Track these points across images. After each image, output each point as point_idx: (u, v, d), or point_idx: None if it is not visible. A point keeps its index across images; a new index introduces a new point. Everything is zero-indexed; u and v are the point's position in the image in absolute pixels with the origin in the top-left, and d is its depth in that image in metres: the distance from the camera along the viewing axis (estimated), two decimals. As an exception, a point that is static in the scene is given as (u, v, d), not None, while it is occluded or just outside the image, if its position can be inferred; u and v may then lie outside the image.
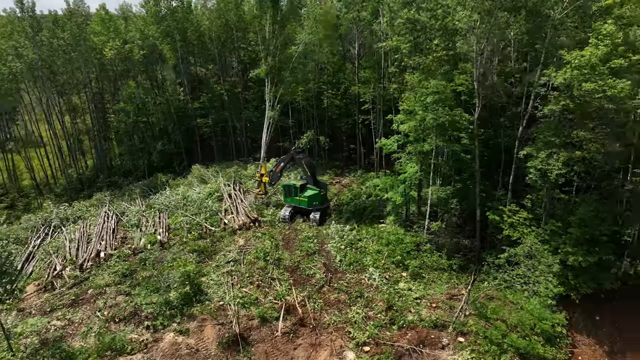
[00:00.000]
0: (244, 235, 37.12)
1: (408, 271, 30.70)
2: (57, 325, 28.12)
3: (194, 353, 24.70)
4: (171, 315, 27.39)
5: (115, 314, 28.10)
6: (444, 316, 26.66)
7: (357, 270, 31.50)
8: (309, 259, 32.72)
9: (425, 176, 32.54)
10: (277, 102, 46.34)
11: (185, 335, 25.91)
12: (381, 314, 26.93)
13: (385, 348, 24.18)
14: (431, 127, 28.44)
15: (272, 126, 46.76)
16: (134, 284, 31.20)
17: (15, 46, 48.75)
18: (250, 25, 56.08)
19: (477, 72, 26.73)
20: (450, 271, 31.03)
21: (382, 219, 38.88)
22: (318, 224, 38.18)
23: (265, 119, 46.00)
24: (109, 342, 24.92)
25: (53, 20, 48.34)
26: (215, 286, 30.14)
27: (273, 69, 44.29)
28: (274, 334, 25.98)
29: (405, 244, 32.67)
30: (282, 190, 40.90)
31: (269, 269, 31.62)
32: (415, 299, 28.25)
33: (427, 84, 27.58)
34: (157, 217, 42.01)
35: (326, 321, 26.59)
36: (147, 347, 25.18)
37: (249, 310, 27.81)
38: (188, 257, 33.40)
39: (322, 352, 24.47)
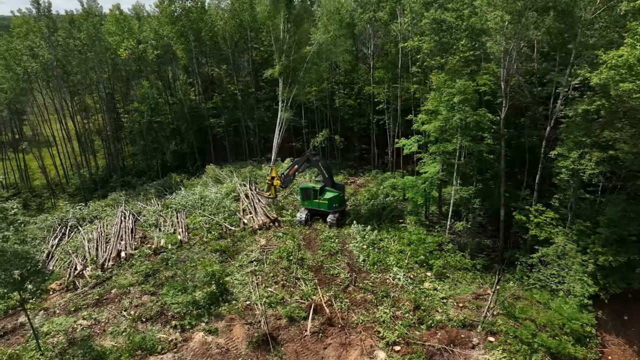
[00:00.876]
0: (264, 235, 37.18)
1: (432, 271, 30.76)
2: (84, 324, 28.18)
3: (224, 352, 24.74)
4: (198, 315, 27.44)
5: (141, 314, 28.15)
6: (472, 316, 26.71)
7: (381, 270, 31.54)
8: (332, 259, 32.77)
9: (448, 176, 32.61)
10: (290, 102, 45.90)
11: (214, 334, 25.95)
12: (409, 313, 26.98)
13: (416, 347, 24.22)
14: (456, 127, 28.47)
15: (284, 127, 46.25)
16: (157, 283, 31.27)
17: (31, 46, 48.82)
18: (263, 25, 56.12)
19: (504, 72, 26.76)
20: (475, 271, 31.09)
21: (402, 219, 38.92)
22: (335, 226, 37.74)
23: (277, 119, 45.59)
24: (139, 341, 24.98)
25: (69, 20, 48.36)
26: (240, 286, 30.20)
27: (287, 69, 43.88)
28: (302, 333, 26.01)
29: (427, 244, 32.75)
30: (299, 193, 40.12)
31: (292, 268, 31.67)
32: (442, 298, 28.31)
33: (454, 84, 27.60)
34: (175, 217, 42.07)
35: (354, 321, 26.62)
36: (177, 347, 25.22)
37: (276, 309, 27.87)
38: (211, 257, 33.44)
39: (352, 352, 24.50)
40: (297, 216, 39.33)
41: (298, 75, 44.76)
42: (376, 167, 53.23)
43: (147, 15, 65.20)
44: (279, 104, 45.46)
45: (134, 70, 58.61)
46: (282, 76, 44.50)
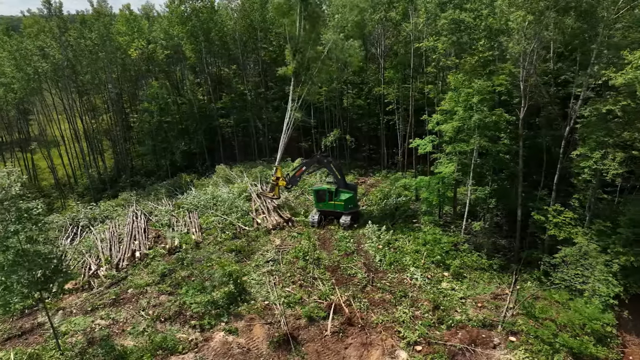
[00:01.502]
0: (278, 234, 37.21)
1: (449, 271, 30.78)
2: (102, 324, 28.19)
3: (245, 352, 24.75)
4: (217, 315, 27.44)
5: (160, 314, 28.16)
6: (491, 316, 26.74)
7: (397, 270, 31.57)
8: (348, 259, 32.80)
9: (463, 176, 32.63)
10: (300, 102, 45.52)
11: (235, 334, 25.96)
12: (428, 313, 27.00)
13: (437, 347, 24.24)
14: (474, 127, 28.49)
15: (292, 127, 45.67)
16: (174, 283, 31.28)
17: (42, 46, 48.82)
18: (272, 25, 56.20)
19: (524, 72, 26.78)
20: (491, 271, 31.11)
21: (415, 219, 38.96)
22: (348, 227, 37.41)
23: (285, 119, 45.07)
24: (160, 341, 25.00)
25: (81, 20, 48.38)
26: (258, 286, 30.21)
27: (300, 67, 43.44)
28: (322, 333, 26.03)
29: (443, 244, 32.78)
30: (313, 195, 39.64)
31: (309, 268, 31.69)
32: (460, 298, 28.34)
33: (473, 84, 27.61)
34: (187, 217, 42.07)
35: (374, 320, 26.64)
36: (198, 347, 25.23)
37: (294, 309, 27.89)
38: (227, 256, 33.44)
39: (373, 352, 24.52)
40: (310, 218, 38.99)
41: (312, 74, 44.34)
42: (386, 167, 53.23)
43: (158, 15, 65.21)
44: (289, 103, 44.95)
45: (143, 70, 58.60)
46: (294, 75, 44.19)
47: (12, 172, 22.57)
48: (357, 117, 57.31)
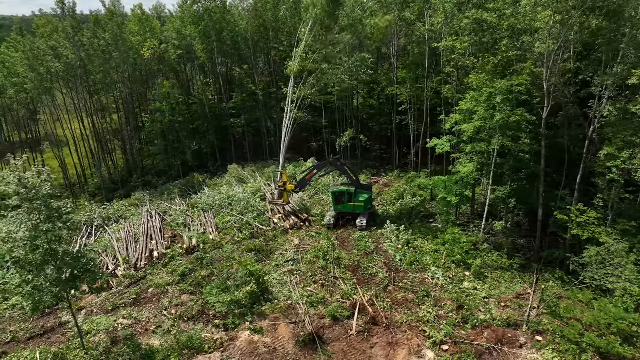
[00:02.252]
0: (296, 234, 37.24)
1: (471, 270, 30.80)
2: (124, 323, 28.22)
3: (272, 352, 24.77)
4: (241, 314, 27.46)
5: (183, 313, 28.19)
6: (515, 315, 26.75)
7: (418, 269, 31.58)
8: (369, 259, 32.82)
9: (484, 176, 32.66)
10: (299, 102, 44.24)
11: (260, 334, 25.98)
12: (452, 313, 27.02)
13: (464, 347, 24.26)
14: (496, 127, 28.52)
15: (292, 129, 44.92)
16: (194, 283, 31.31)
17: (55, 46, 48.88)
18: (284, 25, 56.19)
19: (548, 72, 26.81)
20: (512, 270, 31.14)
21: (432, 219, 39.00)
22: (365, 229, 36.96)
23: (284, 121, 43.46)
24: (186, 340, 25.01)
25: (94, 20, 48.42)
26: (279, 285, 30.23)
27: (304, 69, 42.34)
28: (347, 332, 26.04)
29: (463, 244, 32.79)
30: (331, 198, 39.01)
31: (330, 268, 31.71)
32: (483, 298, 28.35)
33: (494, 84, 27.64)
34: (202, 217, 42.10)
35: (398, 320, 26.65)
36: (224, 346, 25.25)
37: (317, 309, 27.91)
38: (246, 256, 33.46)
39: (400, 351, 24.54)
40: (325, 220, 38.33)
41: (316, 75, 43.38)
42: (398, 167, 53.24)
43: (170, 15, 65.29)
44: (287, 105, 43.80)
45: (155, 70, 58.67)
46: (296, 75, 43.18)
47: (42, 171, 22.63)
48: (368, 117, 57.34)
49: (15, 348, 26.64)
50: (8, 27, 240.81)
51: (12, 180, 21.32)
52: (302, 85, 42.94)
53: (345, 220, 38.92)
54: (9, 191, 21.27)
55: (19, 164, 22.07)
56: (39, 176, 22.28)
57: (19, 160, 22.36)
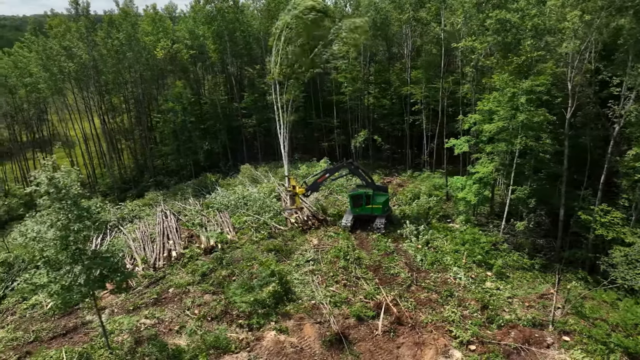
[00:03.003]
0: (314, 234, 37.24)
1: (492, 270, 30.81)
2: (147, 323, 28.22)
3: (299, 351, 24.76)
4: (265, 314, 27.45)
5: (206, 313, 28.19)
6: (540, 315, 26.75)
7: (439, 269, 31.59)
8: (389, 259, 32.82)
9: (505, 176, 32.69)
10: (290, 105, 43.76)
11: (286, 333, 25.98)
12: (477, 313, 27.03)
13: (491, 347, 24.27)
14: (519, 127, 28.54)
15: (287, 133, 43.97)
16: (215, 282, 31.29)
17: (69, 46, 48.90)
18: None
19: (572, 72, 26.81)
20: (533, 271, 31.15)
21: (449, 219, 39.01)
22: (383, 231, 36.54)
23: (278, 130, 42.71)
24: (213, 340, 25.01)
25: (108, 20, 48.45)
26: (301, 285, 30.22)
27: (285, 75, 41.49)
28: (373, 332, 26.05)
29: (482, 244, 32.83)
30: (349, 201, 38.59)
31: (351, 268, 31.72)
32: (507, 298, 28.36)
33: (521, 84, 27.65)
34: (218, 217, 42.08)
35: (423, 320, 26.66)
36: (250, 346, 25.25)
37: (341, 309, 27.91)
38: (266, 256, 33.46)
39: (427, 351, 24.54)
40: (343, 222, 37.85)
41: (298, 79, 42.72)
42: (411, 167, 53.24)
43: (183, 15, 65.38)
44: (276, 111, 43.26)
45: (168, 69, 58.71)
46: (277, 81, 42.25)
47: (72, 170, 22.63)
48: (379, 117, 57.32)
49: (39, 348, 26.66)
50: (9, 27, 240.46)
51: (43, 180, 21.32)
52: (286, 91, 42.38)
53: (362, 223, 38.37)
54: (40, 191, 21.26)
55: (49, 164, 22.07)
56: (68, 176, 22.30)
57: (48, 160, 22.38)
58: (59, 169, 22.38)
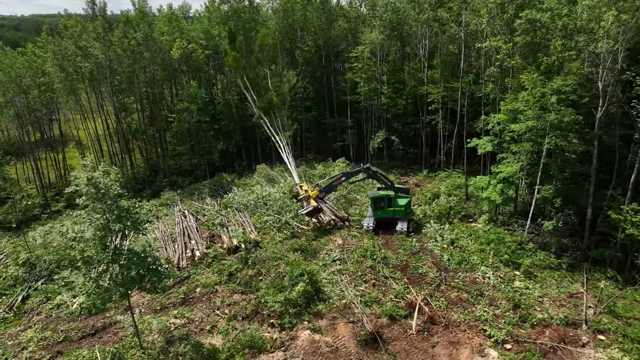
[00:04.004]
0: (338, 233, 37.26)
1: (520, 270, 30.86)
2: (177, 323, 28.22)
3: (334, 351, 24.78)
4: (297, 314, 27.45)
5: (237, 312, 28.18)
6: (572, 314, 26.81)
7: (467, 269, 31.62)
8: (416, 258, 32.85)
9: (530, 176, 32.75)
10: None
11: (319, 333, 25.98)
12: (509, 312, 27.06)
13: (527, 346, 24.30)
14: (549, 127, 28.60)
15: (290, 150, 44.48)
16: (242, 282, 31.27)
17: (85, 46, 48.82)
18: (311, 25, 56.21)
19: (604, 72, 26.89)
20: (561, 270, 31.21)
21: (471, 219, 39.07)
22: (407, 234, 36.23)
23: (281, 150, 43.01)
24: (249, 339, 24.99)
25: (125, 20, 48.40)
26: (330, 285, 30.24)
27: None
28: (406, 332, 26.07)
29: (508, 243, 32.88)
30: (370, 203, 38.20)
31: (378, 267, 31.74)
32: (537, 297, 28.40)
33: (552, 84, 27.72)
34: (238, 217, 42.04)
35: (456, 319, 26.70)
36: (285, 345, 25.25)
37: (372, 308, 27.94)
38: (292, 256, 33.46)
39: (462, 350, 24.57)
40: (364, 225, 37.38)
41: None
42: (427, 167, 53.27)
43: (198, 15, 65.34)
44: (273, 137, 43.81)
45: (184, 70, 58.71)
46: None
47: (110, 171, 22.63)
48: (392, 116, 57.18)
49: (70, 347, 26.65)
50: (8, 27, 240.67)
51: (83, 180, 21.32)
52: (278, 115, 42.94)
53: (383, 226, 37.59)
54: (81, 191, 21.24)
55: (88, 164, 22.07)
56: (107, 175, 22.30)
57: (87, 160, 22.38)
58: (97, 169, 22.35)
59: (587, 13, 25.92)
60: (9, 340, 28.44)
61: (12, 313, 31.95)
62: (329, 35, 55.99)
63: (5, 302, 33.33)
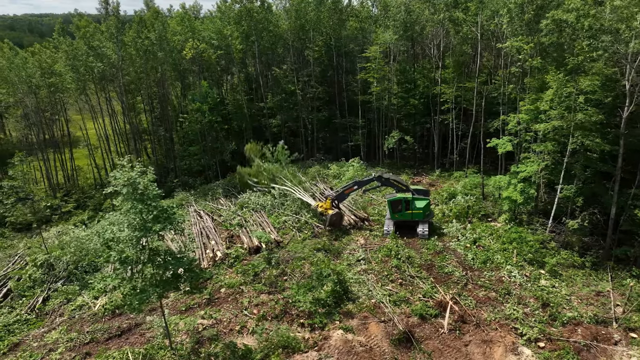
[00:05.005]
0: (359, 234, 37.30)
1: (545, 268, 31.05)
2: (205, 323, 28.15)
3: (368, 350, 24.81)
4: (327, 313, 27.47)
5: (266, 313, 28.14)
6: (601, 312, 27.01)
7: (492, 268, 31.75)
8: (441, 257, 32.95)
9: (552, 175, 32.97)
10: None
11: (351, 332, 26.00)
12: (538, 310, 27.21)
13: (561, 344, 24.46)
14: (575, 127, 28.81)
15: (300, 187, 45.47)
16: (267, 282, 31.23)
17: (98, 46, 48.55)
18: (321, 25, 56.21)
19: (632, 72, 27.12)
20: (585, 268, 31.43)
21: (489, 218, 39.24)
22: (427, 237, 35.84)
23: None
24: (283, 339, 24.96)
25: (139, 20, 48.11)
26: (357, 284, 30.27)
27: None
28: (438, 330, 26.17)
29: (530, 242, 33.07)
30: (388, 207, 37.37)
31: (403, 267, 31.81)
32: (564, 295, 28.57)
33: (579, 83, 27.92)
34: (255, 217, 41.95)
35: (486, 318, 26.82)
36: (318, 345, 25.24)
37: (401, 307, 28.01)
38: (316, 256, 33.46)
39: (496, 349, 24.68)
40: (384, 229, 36.83)
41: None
42: (439, 167, 53.42)
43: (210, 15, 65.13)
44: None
45: (194, 70, 58.55)
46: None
47: (147, 171, 22.54)
48: (403, 116, 57.22)
49: (98, 349, 26.55)
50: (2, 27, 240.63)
51: (123, 181, 21.23)
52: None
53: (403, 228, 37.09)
54: (122, 192, 21.13)
55: (126, 164, 21.95)
56: (144, 175, 22.20)
57: (124, 160, 22.26)
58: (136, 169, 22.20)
59: (616, 13, 26.13)
60: (34, 341, 28.34)
61: (33, 314, 31.78)
62: (340, 35, 56.03)
63: (26, 303, 33.20)
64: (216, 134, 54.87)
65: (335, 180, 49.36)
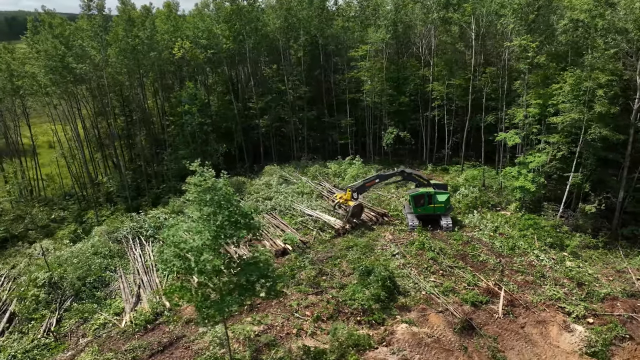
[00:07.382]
0: (384, 229, 37.82)
1: (566, 251, 33.37)
2: (256, 330, 27.46)
3: (437, 341, 25.44)
4: (383, 309, 27.75)
5: (320, 313, 27.90)
6: (627, 287, 29.56)
7: (520, 253, 33.57)
8: (471, 247, 34.28)
9: (563, 164, 35.53)
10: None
11: (414, 325, 26.47)
12: (575, 289, 29.24)
13: (607, 318, 26.51)
14: (592, 119, 31.32)
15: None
16: (307, 283, 30.92)
17: (80, 45, 45.02)
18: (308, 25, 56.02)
19: (640, 67, 29.96)
20: (599, 249, 34.17)
21: (498, 207, 41.38)
22: (451, 229, 36.86)
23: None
24: (355, 338, 24.92)
25: (127, 19, 44.99)
26: (401, 278, 30.78)
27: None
28: (492, 316, 27.37)
29: (545, 228, 35.42)
30: (410, 201, 38.30)
31: (440, 258, 32.78)
32: (590, 274, 30.90)
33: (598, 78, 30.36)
34: (267, 219, 41.14)
35: (532, 300, 28.40)
36: (386, 340, 25.47)
37: (450, 297, 28.93)
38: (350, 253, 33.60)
39: (551, 328, 26.29)
40: (409, 224, 37.40)
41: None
42: (431, 161, 55.21)
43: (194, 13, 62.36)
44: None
45: (185, 70, 55.99)
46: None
47: (221, 175, 21.62)
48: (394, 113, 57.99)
49: (147, 367, 25.11)
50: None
51: (205, 187, 20.29)
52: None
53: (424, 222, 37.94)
54: (205, 197, 20.14)
55: (204, 171, 20.91)
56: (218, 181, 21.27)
57: (194, 165, 21.16)
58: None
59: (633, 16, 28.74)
60: (66, 366, 26.20)
61: (52, 337, 29.22)
62: (327, 34, 56.18)
63: (37, 326, 30.44)
64: (206, 136, 52.98)
65: (337, 179, 49.53)
